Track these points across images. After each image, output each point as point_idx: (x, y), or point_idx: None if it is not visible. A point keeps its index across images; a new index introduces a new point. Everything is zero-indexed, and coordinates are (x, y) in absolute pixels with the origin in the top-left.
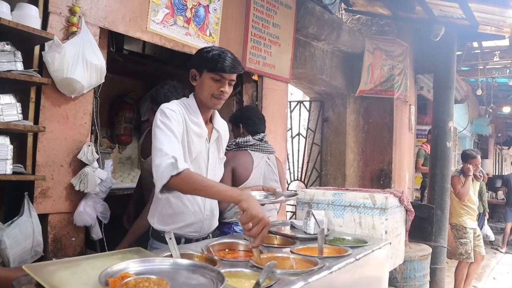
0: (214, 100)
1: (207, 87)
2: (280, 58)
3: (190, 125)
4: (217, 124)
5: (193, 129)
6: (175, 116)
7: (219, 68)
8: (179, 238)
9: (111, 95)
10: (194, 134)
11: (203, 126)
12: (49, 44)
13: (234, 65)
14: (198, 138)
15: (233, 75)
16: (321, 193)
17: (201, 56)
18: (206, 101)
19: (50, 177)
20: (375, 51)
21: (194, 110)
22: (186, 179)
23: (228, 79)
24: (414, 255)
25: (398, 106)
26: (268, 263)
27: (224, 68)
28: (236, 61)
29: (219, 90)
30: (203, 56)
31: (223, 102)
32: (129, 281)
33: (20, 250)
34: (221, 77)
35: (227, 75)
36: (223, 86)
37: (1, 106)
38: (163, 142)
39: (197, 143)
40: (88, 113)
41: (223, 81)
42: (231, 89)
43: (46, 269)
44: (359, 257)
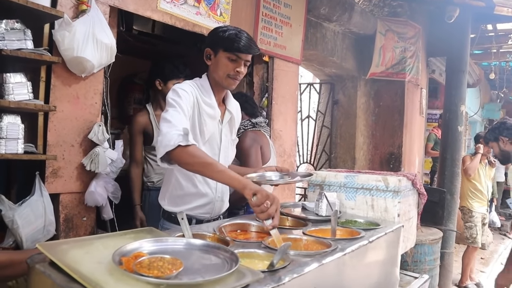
0: (229, 80)
1: (223, 67)
2: (291, 39)
3: (203, 106)
4: (230, 105)
5: (205, 110)
6: (186, 96)
7: (235, 48)
8: (190, 219)
9: (121, 75)
10: (207, 115)
11: (216, 107)
12: (59, 22)
13: (250, 45)
14: (210, 119)
15: (249, 55)
16: (333, 175)
17: (217, 35)
18: (221, 81)
19: (61, 157)
20: (387, 33)
21: (207, 90)
22: (193, 152)
23: (244, 60)
24: (425, 239)
25: (409, 89)
26: (283, 244)
27: (240, 48)
28: (252, 42)
29: (235, 70)
30: (219, 35)
31: (237, 83)
32: (143, 260)
33: (32, 230)
34: (237, 57)
35: (243, 55)
36: (239, 66)
37: (12, 85)
38: (172, 115)
39: (210, 125)
40: (98, 92)
41: (239, 61)
42: (246, 70)
43: (59, 247)
44: (372, 240)
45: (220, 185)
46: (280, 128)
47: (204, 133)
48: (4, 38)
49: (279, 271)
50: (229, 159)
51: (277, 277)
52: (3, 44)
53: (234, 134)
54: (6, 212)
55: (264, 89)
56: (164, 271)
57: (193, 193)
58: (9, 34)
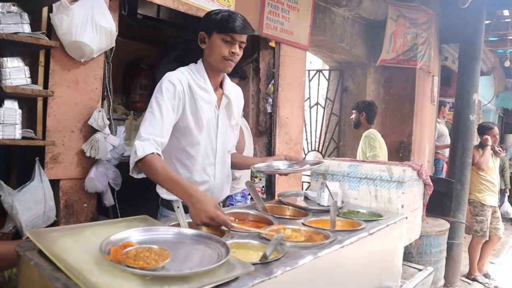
0: (225, 62)
1: (217, 49)
2: (298, 24)
3: (197, 92)
4: (227, 90)
5: (200, 96)
6: (171, 89)
7: (229, 28)
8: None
9: (126, 60)
10: (202, 100)
11: (211, 91)
12: (57, 5)
13: (244, 25)
14: (207, 104)
15: (244, 36)
16: (337, 164)
17: (210, 18)
18: (217, 63)
19: (61, 143)
20: (399, 19)
21: (202, 75)
22: (146, 166)
23: (239, 41)
24: (430, 230)
25: (420, 77)
26: (276, 236)
27: (234, 28)
28: (246, 22)
29: (230, 51)
30: (212, 17)
31: (233, 65)
32: (130, 250)
33: (32, 215)
34: (231, 38)
35: (238, 36)
36: (234, 48)
37: (9, 70)
38: (144, 122)
39: (206, 110)
40: (98, 78)
41: (233, 43)
42: (241, 52)
43: (49, 235)
44: (373, 232)
45: (219, 173)
46: (286, 115)
47: (201, 119)
48: (1, 21)
49: (272, 263)
50: (228, 145)
51: (269, 270)
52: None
53: (234, 120)
54: (5, 198)
55: (271, 75)
56: (150, 262)
57: (190, 180)
58: (5, 17)
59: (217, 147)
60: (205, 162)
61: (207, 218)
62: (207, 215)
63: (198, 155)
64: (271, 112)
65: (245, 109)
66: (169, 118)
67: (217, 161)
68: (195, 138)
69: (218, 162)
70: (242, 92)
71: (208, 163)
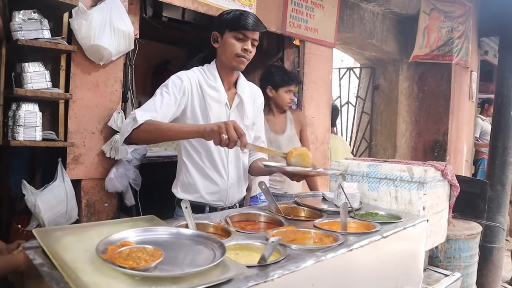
0: (238, 60)
1: (230, 47)
2: (323, 22)
3: (207, 90)
4: (240, 89)
5: (209, 94)
6: (178, 83)
7: (241, 25)
8: (203, 207)
9: (155, 63)
10: (211, 99)
11: (221, 90)
12: (75, 11)
13: (256, 22)
14: (216, 103)
15: (256, 33)
16: (356, 164)
17: (222, 17)
18: (229, 61)
19: (82, 144)
20: (432, 12)
21: (212, 74)
22: (145, 128)
23: (251, 38)
24: (460, 234)
25: (456, 73)
26: (272, 239)
27: (246, 25)
28: (258, 20)
29: (243, 48)
30: (224, 17)
31: (247, 63)
32: (124, 250)
33: (55, 214)
34: (243, 36)
35: (250, 33)
36: (246, 45)
37: (30, 74)
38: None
39: (215, 108)
40: (118, 80)
41: (246, 40)
42: (254, 50)
43: (54, 234)
44: (387, 235)
45: (232, 172)
46: (312, 114)
47: (208, 118)
48: (22, 28)
49: (270, 266)
50: None
51: (266, 273)
52: (21, 35)
53: (248, 120)
54: (29, 197)
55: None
56: (140, 262)
57: (203, 180)
58: (26, 24)
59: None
60: (217, 161)
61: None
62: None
63: (208, 153)
64: None
65: None
66: (168, 108)
67: (230, 160)
68: None
69: (231, 161)
70: (260, 91)
71: (221, 163)
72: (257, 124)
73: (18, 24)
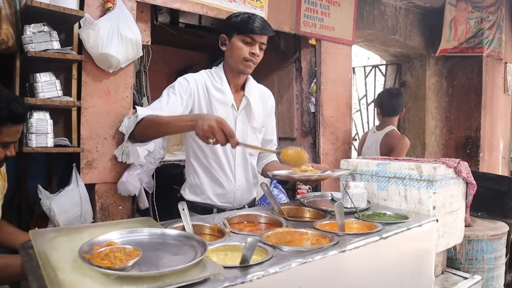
0: (245, 63)
1: (238, 50)
2: (340, 19)
3: (213, 92)
4: (247, 91)
5: (215, 96)
6: (184, 84)
7: (249, 29)
8: (211, 208)
9: (177, 68)
10: (217, 101)
11: (227, 93)
12: (83, 21)
13: (264, 26)
14: (222, 105)
15: (264, 37)
16: (365, 163)
17: (231, 21)
18: (237, 65)
19: (95, 149)
20: (459, 3)
21: (219, 76)
22: (146, 123)
23: (259, 42)
24: (482, 234)
25: (488, 65)
26: (249, 239)
27: (254, 29)
28: (266, 23)
29: (250, 52)
30: (232, 20)
31: (254, 67)
32: (103, 250)
33: (69, 217)
34: (251, 39)
35: (258, 36)
36: (254, 48)
37: (41, 84)
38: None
39: (221, 111)
40: (129, 86)
41: (253, 43)
42: (262, 54)
43: (48, 235)
44: (387, 236)
45: (239, 175)
46: (330, 114)
47: None
48: (32, 41)
49: (252, 267)
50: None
51: (244, 274)
52: (31, 47)
53: (257, 123)
54: (44, 201)
55: (313, 74)
56: (115, 261)
57: (210, 182)
58: (36, 37)
59: (237, 149)
60: (224, 163)
61: (214, 121)
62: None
63: (215, 155)
64: (315, 111)
65: (290, 110)
66: (175, 107)
67: (237, 163)
68: None
69: (238, 164)
70: (271, 93)
71: (228, 165)
72: (268, 127)
73: (29, 37)
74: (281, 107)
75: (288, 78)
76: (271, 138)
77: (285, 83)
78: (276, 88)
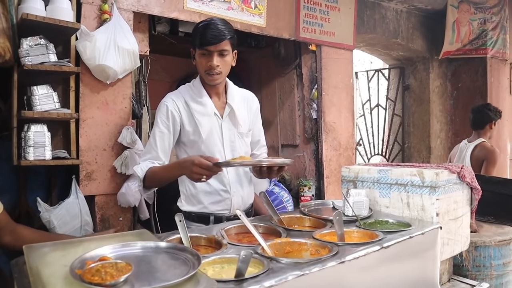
0: (208, 77)
1: (198, 64)
2: (340, 24)
3: (193, 106)
4: (230, 98)
5: (196, 110)
6: (164, 111)
7: (202, 42)
8: (207, 217)
9: (178, 77)
10: (199, 114)
11: (207, 104)
12: (79, 33)
13: (216, 34)
14: (204, 116)
15: (220, 45)
16: (366, 170)
17: (192, 34)
18: (204, 78)
19: (94, 161)
20: (461, 5)
21: (198, 89)
22: (148, 180)
23: (216, 51)
24: (489, 240)
25: (493, 66)
26: (243, 253)
27: (205, 41)
28: (222, 28)
29: (208, 64)
30: (193, 33)
31: (218, 78)
32: (94, 266)
33: (69, 229)
34: (207, 51)
35: (212, 47)
36: (211, 60)
37: (38, 97)
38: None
39: (205, 123)
40: (127, 97)
41: (210, 55)
42: (226, 61)
43: (41, 250)
44: (388, 245)
45: (233, 180)
46: (333, 120)
47: (200, 133)
48: (29, 54)
49: (246, 280)
50: (238, 152)
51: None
52: (28, 60)
53: (243, 127)
54: (43, 214)
55: (314, 80)
56: (106, 277)
57: (206, 190)
58: (33, 50)
59: (226, 155)
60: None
61: (193, 165)
62: (192, 163)
63: None
64: (316, 118)
65: (292, 116)
66: (163, 140)
67: (229, 170)
68: (201, 150)
69: (230, 171)
70: (254, 96)
71: (220, 173)
72: (254, 129)
73: (25, 50)
74: (283, 114)
75: (289, 84)
76: (258, 139)
77: (286, 89)
78: (278, 95)
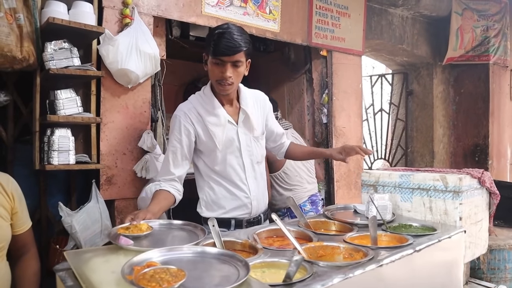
0: (219, 86)
1: (211, 72)
2: (350, 30)
3: (206, 118)
4: (243, 104)
5: (209, 121)
6: (177, 124)
7: (217, 51)
8: (228, 221)
9: (185, 81)
10: (213, 125)
11: (220, 114)
12: (102, 37)
13: (231, 46)
14: (217, 127)
15: (234, 56)
16: (387, 175)
17: (206, 40)
18: (215, 86)
19: (114, 165)
20: (465, 12)
21: (209, 98)
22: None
23: (230, 61)
24: (504, 244)
25: (495, 73)
26: (295, 257)
27: (220, 51)
28: (233, 41)
29: (221, 74)
30: (207, 39)
31: (231, 88)
32: (147, 272)
33: (90, 234)
34: (220, 61)
35: (226, 57)
36: (224, 70)
37: (62, 101)
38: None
39: (219, 133)
40: (147, 101)
41: (224, 65)
42: (239, 71)
43: (83, 256)
44: (420, 248)
45: (253, 185)
46: (343, 124)
47: (215, 144)
48: (53, 58)
49: (295, 284)
50: (256, 157)
51: None
52: (52, 64)
53: (257, 131)
54: (65, 218)
55: (324, 85)
56: (163, 283)
57: (226, 196)
58: (57, 54)
59: (244, 161)
60: (236, 178)
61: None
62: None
63: (227, 172)
64: (327, 122)
65: (301, 121)
66: (176, 155)
67: (248, 175)
68: (219, 158)
69: (249, 176)
70: (264, 95)
71: (239, 178)
72: (272, 126)
73: (50, 54)
74: (291, 118)
75: (298, 89)
76: (278, 132)
77: (295, 94)
78: (287, 99)
